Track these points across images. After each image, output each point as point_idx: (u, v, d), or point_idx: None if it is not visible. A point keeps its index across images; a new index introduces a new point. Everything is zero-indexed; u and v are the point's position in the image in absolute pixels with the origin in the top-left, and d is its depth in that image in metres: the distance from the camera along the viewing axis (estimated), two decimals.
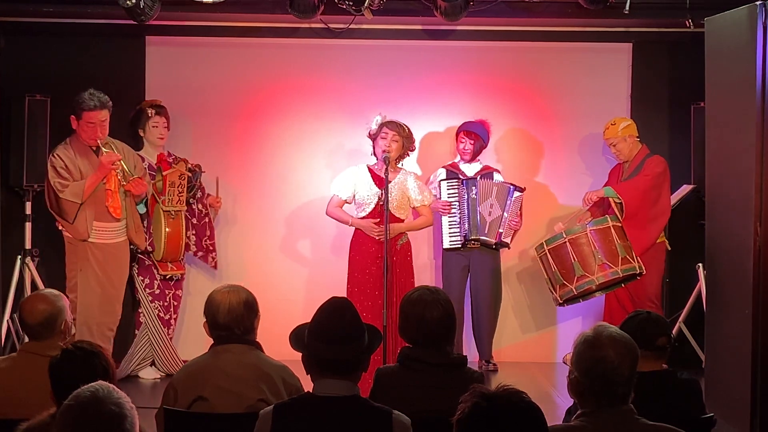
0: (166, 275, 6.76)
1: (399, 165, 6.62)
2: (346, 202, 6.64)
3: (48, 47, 7.21)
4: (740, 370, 5.35)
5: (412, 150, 6.63)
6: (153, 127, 6.84)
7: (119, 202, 6.43)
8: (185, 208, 6.76)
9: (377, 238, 6.40)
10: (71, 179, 6.26)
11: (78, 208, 6.23)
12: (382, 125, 6.51)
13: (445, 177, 7.01)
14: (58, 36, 7.20)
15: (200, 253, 6.98)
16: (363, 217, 6.54)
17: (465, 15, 6.57)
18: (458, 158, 7.12)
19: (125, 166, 6.38)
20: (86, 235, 6.31)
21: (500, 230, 6.88)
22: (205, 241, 6.99)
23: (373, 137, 6.56)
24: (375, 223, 6.42)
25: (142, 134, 6.87)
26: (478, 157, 7.09)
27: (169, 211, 6.65)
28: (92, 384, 2.48)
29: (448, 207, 6.88)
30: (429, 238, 7.43)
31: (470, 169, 7.06)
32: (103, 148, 6.30)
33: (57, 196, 6.23)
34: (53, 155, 6.29)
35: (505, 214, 6.87)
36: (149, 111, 6.83)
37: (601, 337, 2.88)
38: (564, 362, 6.71)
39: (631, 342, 2.92)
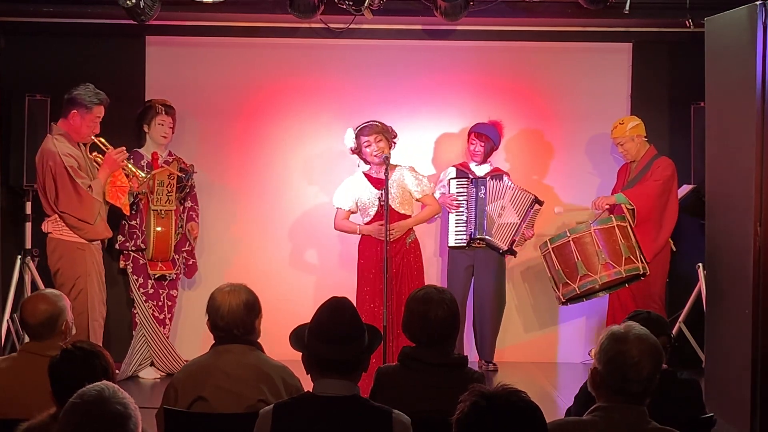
0: (156, 274, 6.76)
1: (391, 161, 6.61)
2: (351, 212, 6.65)
3: (48, 47, 7.21)
4: (740, 370, 5.36)
5: (395, 137, 6.59)
6: (159, 125, 6.84)
7: (128, 200, 6.43)
8: (174, 207, 6.76)
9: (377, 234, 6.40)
10: (88, 178, 6.17)
11: (100, 207, 6.16)
12: (357, 136, 6.48)
13: (455, 176, 7.03)
14: (58, 36, 7.20)
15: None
16: (367, 222, 6.53)
17: (465, 15, 6.57)
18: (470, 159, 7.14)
19: (131, 165, 6.38)
20: (109, 233, 6.28)
21: (515, 238, 6.89)
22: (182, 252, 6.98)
23: (356, 151, 6.55)
24: (381, 225, 6.40)
25: (146, 130, 6.88)
26: (488, 159, 7.10)
27: (158, 210, 6.65)
28: (98, 383, 2.49)
29: (456, 204, 6.89)
30: (436, 234, 7.43)
31: (480, 170, 7.07)
32: (102, 146, 6.28)
33: (81, 199, 6.06)
34: (60, 154, 6.03)
35: (522, 223, 6.88)
36: (158, 108, 6.83)
37: (628, 333, 2.89)
38: (589, 355, 6.72)
39: (658, 344, 2.91)
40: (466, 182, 6.98)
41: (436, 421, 3.10)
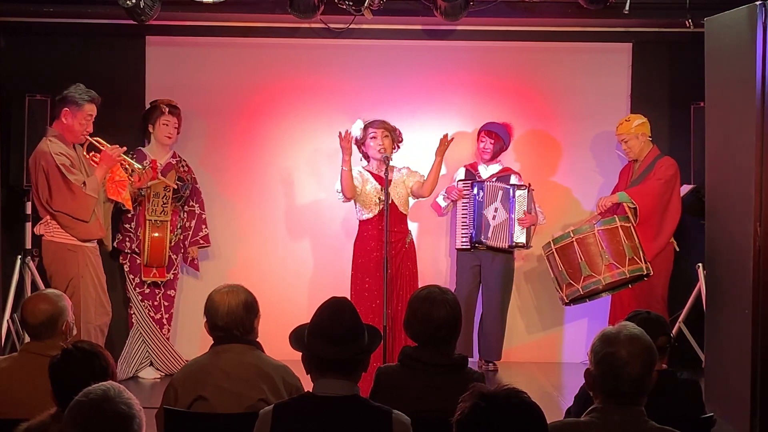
0: (147, 281, 6.78)
1: (391, 162, 6.62)
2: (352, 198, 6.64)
3: (48, 47, 7.21)
4: (740, 370, 5.36)
5: (401, 141, 6.65)
6: (163, 125, 6.85)
7: (129, 194, 6.42)
8: (169, 218, 6.78)
9: (345, 142, 6.35)
10: (82, 175, 6.13)
11: (95, 205, 6.14)
12: (366, 127, 6.54)
13: (463, 177, 7.09)
14: (58, 36, 7.20)
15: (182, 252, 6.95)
16: (367, 219, 6.53)
17: (465, 15, 6.57)
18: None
19: (128, 158, 6.37)
20: (103, 233, 6.24)
21: (511, 232, 6.89)
22: (199, 236, 6.99)
23: (360, 142, 6.57)
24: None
25: (151, 130, 6.89)
26: (498, 158, 7.11)
27: (153, 220, 6.68)
28: (103, 383, 2.50)
29: (460, 195, 6.98)
30: (447, 233, 7.43)
31: (488, 171, 7.09)
32: (99, 145, 6.27)
33: (74, 196, 6.02)
34: (52, 153, 6.00)
35: (511, 215, 6.87)
36: (163, 108, 6.84)
37: (619, 334, 2.89)
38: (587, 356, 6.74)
39: (650, 345, 2.90)
40: (469, 184, 7.02)
41: (436, 421, 3.10)
